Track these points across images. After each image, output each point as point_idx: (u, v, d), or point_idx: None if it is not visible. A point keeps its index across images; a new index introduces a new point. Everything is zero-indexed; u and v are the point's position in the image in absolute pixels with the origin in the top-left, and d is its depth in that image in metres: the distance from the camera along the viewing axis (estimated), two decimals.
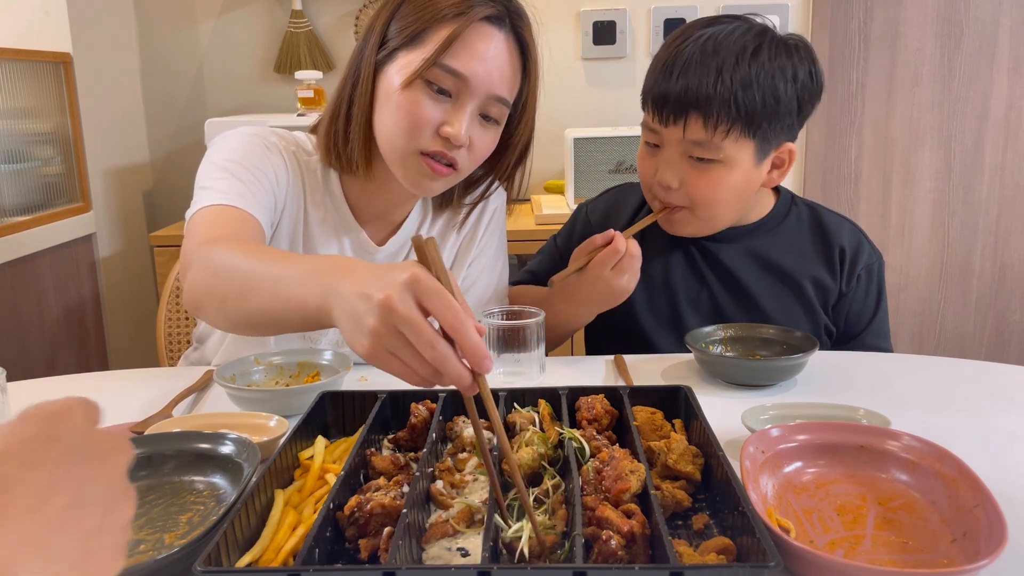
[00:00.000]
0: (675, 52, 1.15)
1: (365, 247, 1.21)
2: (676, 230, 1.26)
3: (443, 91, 1.04)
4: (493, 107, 1.08)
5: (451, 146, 1.06)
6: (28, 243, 2.06)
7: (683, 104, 1.13)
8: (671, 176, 1.18)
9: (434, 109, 1.04)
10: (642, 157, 1.25)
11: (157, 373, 1.24)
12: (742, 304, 1.28)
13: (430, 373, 0.66)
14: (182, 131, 2.76)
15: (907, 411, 0.96)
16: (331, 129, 1.13)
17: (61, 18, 2.22)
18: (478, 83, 1.04)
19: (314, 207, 1.18)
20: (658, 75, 1.16)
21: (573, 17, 2.59)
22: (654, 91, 1.17)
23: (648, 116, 1.20)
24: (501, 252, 1.35)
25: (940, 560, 0.67)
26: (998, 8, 2.57)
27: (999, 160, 2.68)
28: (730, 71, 1.11)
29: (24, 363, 2.07)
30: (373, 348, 0.67)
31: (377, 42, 1.08)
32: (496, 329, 1.07)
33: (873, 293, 1.32)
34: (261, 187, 1.08)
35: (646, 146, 1.23)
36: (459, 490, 0.75)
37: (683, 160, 1.17)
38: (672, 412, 0.89)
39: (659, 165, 1.20)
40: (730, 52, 1.12)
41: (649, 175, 1.23)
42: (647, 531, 0.65)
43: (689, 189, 1.18)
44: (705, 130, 1.13)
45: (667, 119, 1.15)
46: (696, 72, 1.12)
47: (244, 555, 0.64)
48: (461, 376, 0.66)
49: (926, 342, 2.82)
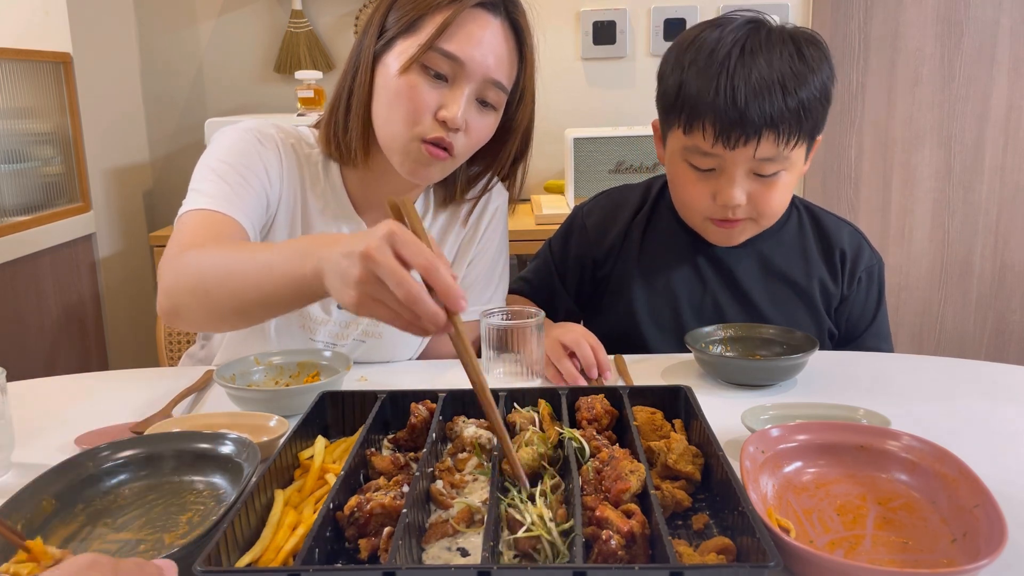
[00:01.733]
0: (728, 74, 1.10)
1: None
2: (733, 241, 1.24)
3: (440, 76, 1.06)
4: (490, 92, 1.09)
5: (448, 130, 1.07)
6: (28, 243, 2.06)
7: (755, 127, 1.10)
8: (739, 195, 1.15)
9: (431, 93, 1.06)
10: (687, 182, 1.19)
11: (157, 373, 1.24)
12: (746, 310, 1.28)
13: (411, 316, 0.73)
14: (182, 131, 2.76)
15: (907, 411, 0.96)
16: (331, 119, 1.15)
17: (61, 18, 2.22)
18: (474, 67, 1.06)
19: (314, 198, 1.19)
20: (715, 98, 1.10)
21: (573, 17, 2.59)
22: (718, 116, 1.10)
23: (705, 142, 1.13)
24: (502, 252, 1.35)
25: (940, 560, 0.67)
26: (998, 8, 2.57)
27: (999, 160, 2.68)
28: (794, 87, 1.10)
29: (24, 363, 2.07)
30: (359, 297, 0.74)
31: (376, 32, 1.10)
32: (496, 329, 1.07)
33: (873, 295, 1.32)
34: (250, 189, 1.10)
35: (692, 170, 1.18)
36: (459, 490, 0.75)
37: (747, 177, 1.15)
38: (672, 412, 0.89)
39: (720, 187, 1.15)
40: (787, 65, 1.11)
41: (703, 199, 1.18)
42: (647, 531, 0.65)
43: (757, 203, 1.17)
44: (776, 146, 1.12)
45: (735, 142, 1.11)
46: (765, 93, 1.09)
47: (244, 555, 0.64)
48: (435, 314, 0.72)
49: (926, 342, 2.82)
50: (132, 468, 0.83)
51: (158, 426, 0.94)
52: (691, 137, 1.15)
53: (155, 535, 0.74)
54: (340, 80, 1.15)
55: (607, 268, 1.34)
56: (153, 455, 0.84)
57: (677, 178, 1.22)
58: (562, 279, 1.38)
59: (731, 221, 1.19)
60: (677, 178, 1.22)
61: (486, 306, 1.26)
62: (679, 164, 1.20)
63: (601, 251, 1.34)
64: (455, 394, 0.91)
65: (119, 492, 0.81)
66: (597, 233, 1.35)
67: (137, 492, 0.81)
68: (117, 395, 1.11)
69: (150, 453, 0.84)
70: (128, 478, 0.83)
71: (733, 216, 1.18)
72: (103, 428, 0.97)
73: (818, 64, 1.14)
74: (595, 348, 1.11)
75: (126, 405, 1.06)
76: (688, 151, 1.17)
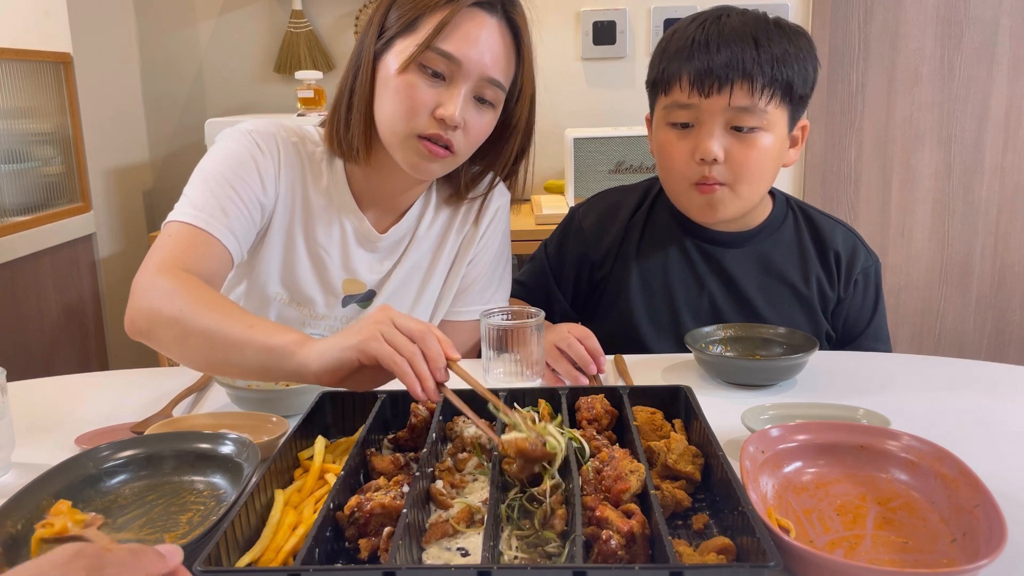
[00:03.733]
0: (703, 30, 1.17)
1: (367, 234, 1.22)
2: (716, 214, 1.22)
3: (438, 74, 1.08)
4: (488, 90, 1.11)
5: (446, 128, 1.09)
6: (28, 243, 2.06)
7: (728, 72, 1.14)
8: (716, 147, 1.16)
9: (429, 92, 1.08)
10: (668, 143, 1.21)
11: (157, 373, 1.24)
12: (743, 311, 1.27)
13: (412, 351, 0.80)
14: (182, 131, 2.76)
15: (907, 411, 0.96)
16: (334, 117, 1.16)
17: (61, 18, 2.22)
18: (471, 65, 1.08)
19: (317, 194, 1.20)
20: (691, 51, 1.16)
21: (573, 17, 2.59)
22: (692, 65, 1.15)
23: (682, 93, 1.17)
24: (504, 252, 1.35)
25: (940, 560, 0.67)
26: (998, 8, 2.57)
27: (999, 160, 2.68)
28: (767, 42, 1.15)
29: (24, 363, 2.07)
30: (366, 338, 0.81)
31: (376, 32, 1.12)
32: (496, 329, 1.07)
33: (871, 296, 1.32)
34: (239, 203, 1.11)
35: (674, 128, 1.21)
36: (459, 490, 0.75)
37: (725, 132, 1.17)
38: (672, 412, 0.89)
39: (698, 141, 1.17)
40: (761, 28, 1.17)
41: (682, 158, 1.20)
42: (647, 531, 0.65)
43: (733, 161, 1.17)
44: (751, 95, 1.15)
45: (710, 89, 1.15)
46: (737, 43, 1.15)
47: (244, 555, 0.64)
48: (438, 355, 0.81)
49: (926, 342, 2.82)
50: (132, 468, 0.83)
51: (158, 426, 0.94)
52: (670, 95, 1.19)
53: (155, 535, 0.74)
54: (343, 78, 1.16)
55: (605, 270, 1.34)
56: (153, 455, 0.84)
57: (660, 146, 1.24)
58: (558, 282, 1.38)
59: (709, 185, 1.19)
60: (660, 146, 1.24)
61: (487, 306, 1.27)
62: (660, 132, 1.23)
63: (599, 253, 1.34)
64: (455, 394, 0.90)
65: (119, 492, 0.81)
66: (594, 235, 1.35)
67: (137, 492, 0.81)
68: (117, 395, 1.11)
69: (150, 453, 0.84)
70: (128, 478, 0.83)
71: (710, 175, 1.18)
72: (103, 428, 0.97)
73: (803, 48, 1.18)
74: (583, 339, 1.11)
75: (126, 405, 1.06)
76: (667, 110, 1.21)
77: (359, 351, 0.80)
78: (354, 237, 1.22)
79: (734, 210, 1.23)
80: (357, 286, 1.24)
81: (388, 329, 0.81)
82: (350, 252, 1.22)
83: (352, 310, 1.25)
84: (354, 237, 1.22)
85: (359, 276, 1.24)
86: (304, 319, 1.23)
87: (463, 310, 1.31)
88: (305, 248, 1.21)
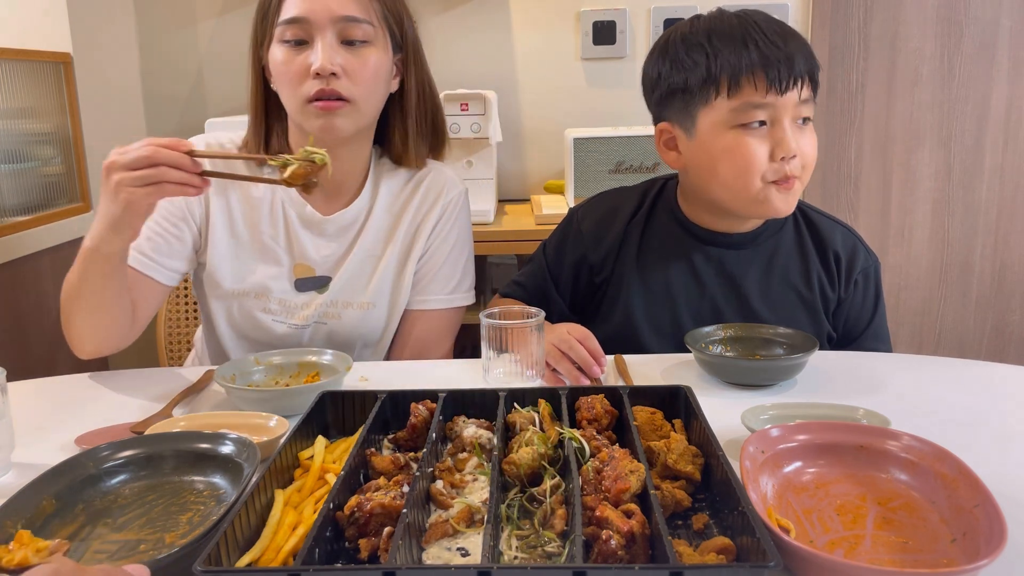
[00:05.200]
0: (745, 28, 1.16)
1: (311, 217, 1.29)
2: (789, 208, 1.21)
3: (300, 42, 1.18)
4: (351, 29, 1.18)
5: (324, 80, 1.16)
6: (28, 243, 2.06)
7: (799, 66, 1.15)
8: (795, 144, 1.16)
9: (298, 59, 1.18)
10: (745, 145, 1.16)
11: (157, 373, 1.25)
12: (744, 312, 1.27)
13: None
14: (182, 131, 2.75)
15: (907, 411, 0.96)
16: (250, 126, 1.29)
17: (61, 18, 2.22)
18: (316, 16, 1.16)
19: (257, 189, 1.28)
20: (750, 49, 1.14)
21: (573, 17, 2.59)
22: (766, 60, 1.13)
23: (757, 92, 1.14)
24: (465, 243, 1.39)
25: (940, 560, 0.67)
26: (998, 8, 2.57)
27: (999, 160, 2.68)
28: (795, 36, 1.18)
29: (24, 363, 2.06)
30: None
31: (257, 42, 1.26)
32: (496, 329, 1.07)
33: (871, 297, 1.32)
34: (161, 226, 1.23)
35: (746, 132, 1.16)
36: (459, 490, 0.76)
37: (794, 126, 1.17)
38: (672, 412, 0.89)
39: (777, 139, 1.15)
40: (783, 24, 1.19)
41: (759, 159, 1.16)
42: (647, 531, 0.65)
43: (803, 154, 1.18)
44: (810, 88, 1.17)
45: (786, 85, 1.14)
46: (783, 39, 1.15)
47: (244, 555, 0.64)
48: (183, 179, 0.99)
49: (926, 342, 2.82)
50: (132, 468, 0.83)
51: (158, 426, 0.94)
52: (739, 96, 1.15)
53: (155, 535, 0.74)
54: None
55: (604, 272, 1.33)
56: (153, 455, 0.84)
57: (726, 151, 1.17)
58: (556, 284, 1.37)
59: (789, 179, 1.18)
60: (726, 151, 1.17)
61: (451, 295, 1.35)
62: (726, 135, 1.17)
63: (598, 255, 1.33)
64: (455, 394, 0.91)
65: (119, 492, 0.81)
66: (594, 236, 1.34)
67: (137, 492, 0.81)
68: (117, 395, 1.11)
69: (150, 453, 0.85)
70: (128, 478, 0.83)
71: (790, 171, 1.17)
72: (103, 428, 0.97)
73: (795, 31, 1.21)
74: (583, 340, 1.11)
75: (126, 405, 1.06)
76: (737, 112, 1.16)
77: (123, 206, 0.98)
78: (298, 221, 1.29)
79: (796, 202, 1.23)
80: (307, 270, 1.29)
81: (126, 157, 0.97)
82: (296, 236, 1.28)
83: (310, 296, 1.30)
84: (298, 221, 1.29)
85: (308, 260, 1.29)
86: (267, 308, 1.28)
87: (428, 299, 1.35)
88: (251, 240, 1.28)
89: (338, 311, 1.30)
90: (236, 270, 1.28)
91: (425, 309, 1.35)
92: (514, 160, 2.62)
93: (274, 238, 1.28)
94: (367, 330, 1.33)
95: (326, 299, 1.29)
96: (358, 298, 1.31)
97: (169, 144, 0.98)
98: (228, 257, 1.28)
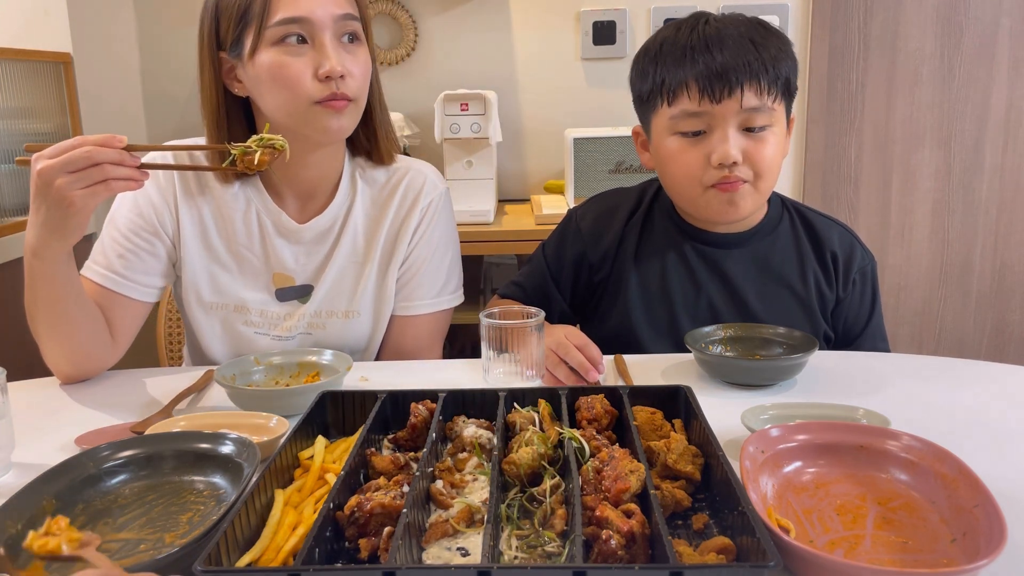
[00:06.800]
0: (697, 35, 1.18)
1: (286, 225, 1.25)
2: (737, 211, 1.22)
3: (303, 40, 1.13)
4: (347, 26, 1.15)
5: (335, 82, 1.13)
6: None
7: (737, 75, 1.15)
8: (734, 151, 1.16)
9: (300, 60, 1.12)
10: (679, 152, 1.20)
11: (157, 373, 1.25)
12: (741, 313, 1.27)
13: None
14: (182, 131, 2.75)
15: (907, 411, 0.96)
16: (210, 134, 1.22)
17: (61, 18, 2.22)
18: (319, 16, 1.12)
19: (229, 200, 1.25)
20: (692, 57, 1.16)
21: (573, 17, 2.59)
22: (697, 71, 1.16)
23: (691, 101, 1.17)
24: (449, 246, 1.35)
25: (940, 560, 0.67)
26: (998, 8, 2.57)
27: (999, 160, 2.68)
28: (762, 41, 1.17)
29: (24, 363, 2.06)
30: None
31: (213, 46, 1.17)
32: (496, 329, 1.07)
33: (868, 295, 1.32)
34: (135, 244, 1.22)
35: (682, 137, 1.20)
36: (459, 490, 0.76)
37: (739, 134, 1.17)
38: (672, 412, 0.89)
39: (713, 145, 1.17)
40: (753, 29, 1.19)
41: (698, 165, 1.19)
42: (647, 531, 0.65)
43: (751, 160, 1.18)
44: (759, 95, 1.16)
45: (721, 94, 1.15)
46: (736, 46, 1.16)
47: (244, 555, 0.64)
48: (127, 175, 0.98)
49: (926, 342, 2.82)
50: (132, 468, 0.83)
51: (158, 426, 0.94)
52: (676, 104, 1.19)
53: (155, 535, 0.74)
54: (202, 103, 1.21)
55: (603, 272, 1.33)
56: (153, 455, 0.84)
57: (669, 156, 1.22)
58: (556, 283, 1.37)
59: (731, 182, 1.18)
60: (669, 156, 1.22)
61: (437, 299, 1.31)
62: (667, 141, 1.22)
63: (597, 255, 1.34)
64: (455, 394, 0.91)
65: (119, 492, 0.81)
66: (593, 235, 1.35)
67: (137, 492, 0.81)
68: (117, 395, 1.12)
69: (150, 453, 0.85)
70: (128, 478, 0.83)
71: (732, 174, 1.18)
72: (103, 428, 0.97)
73: (778, 33, 1.21)
74: (582, 348, 1.10)
75: (126, 405, 1.06)
76: (675, 120, 1.20)
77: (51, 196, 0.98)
78: (274, 230, 1.26)
79: (753, 205, 1.23)
80: (287, 280, 1.27)
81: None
82: (272, 245, 1.25)
83: (292, 306, 1.27)
84: (274, 230, 1.26)
85: (286, 269, 1.26)
86: (248, 321, 1.26)
87: (414, 304, 1.31)
88: (227, 252, 1.25)
89: (322, 321, 1.27)
90: (213, 283, 1.25)
91: (412, 315, 1.31)
92: (514, 160, 2.62)
93: (250, 248, 1.25)
94: (353, 339, 1.29)
95: (309, 309, 1.26)
96: (342, 306, 1.27)
97: (103, 141, 0.96)
98: (203, 270, 1.25)
